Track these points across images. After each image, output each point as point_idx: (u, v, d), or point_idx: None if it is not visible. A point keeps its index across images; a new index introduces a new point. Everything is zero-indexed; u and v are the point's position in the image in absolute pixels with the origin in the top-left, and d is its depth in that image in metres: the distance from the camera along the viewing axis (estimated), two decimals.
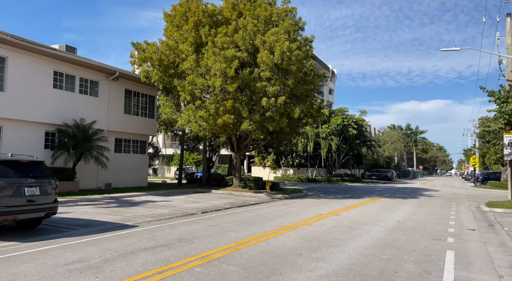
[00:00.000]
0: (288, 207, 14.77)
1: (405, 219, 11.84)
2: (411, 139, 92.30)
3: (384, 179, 51.89)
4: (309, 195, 21.49)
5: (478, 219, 12.25)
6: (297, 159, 41.29)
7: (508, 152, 17.96)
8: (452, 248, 7.54)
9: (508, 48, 18.49)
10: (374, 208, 15.16)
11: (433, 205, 17.04)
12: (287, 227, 9.64)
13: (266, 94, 16.84)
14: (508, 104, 16.28)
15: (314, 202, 17.15)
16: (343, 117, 40.26)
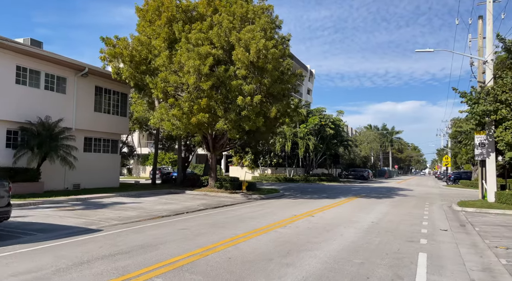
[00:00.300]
0: (263, 208, 14.47)
1: (379, 220, 11.76)
2: (387, 139, 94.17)
3: (361, 179, 52.57)
4: (286, 195, 21.29)
5: (450, 219, 12.32)
6: (275, 159, 41.17)
7: (478, 152, 18.31)
8: (424, 250, 7.41)
9: (480, 50, 18.85)
10: (349, 208, 15.08)
11: (407, 205, 17.16)
12: (260, 230, 9.32)
13: (242, 93, 16.48)
14: (479, 105, 16.56)
15: (290, 203, 16.94)
16: (321, 117, 40.43)
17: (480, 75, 19.22)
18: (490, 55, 17.65)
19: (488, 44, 17.94)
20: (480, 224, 11.28)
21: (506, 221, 11.89)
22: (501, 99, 15.95)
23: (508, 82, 16.10)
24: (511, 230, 10.04)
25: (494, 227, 10.66)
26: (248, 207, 14.98)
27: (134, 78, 17.51)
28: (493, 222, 11.62)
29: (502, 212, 14.05)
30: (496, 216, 13.35)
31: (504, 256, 7.03)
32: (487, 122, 17.39)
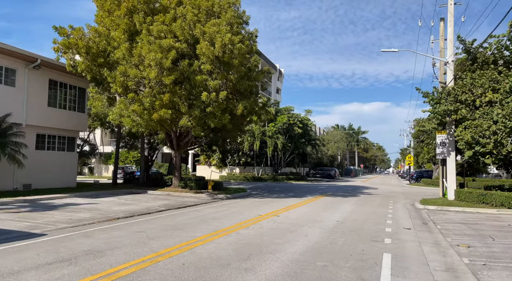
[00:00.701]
0: (228, 208, 13.98)
1: (344, 219, 11.59)
2: (353, 138, 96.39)
3: (328, 177, 53.24)
4: (253, 195, 20.91)
5: (413, 217, 12.39)
6: (243, 158, 40.74)
7: (440, 151, 18.75)
8: (389, 250, 7.22)
9: (441, 51, 19.32)
10: (315, 207, 14.90)
11: (372, 203, 17.25)
12: (221, 232, 8.82)
13: (207, 89, 15.88)
14: (441, 105, 16.91)
15: (256, 202, 16.55)
16: (289, 116, 40.42)
17: (442, 76, 19.71)
18: (451, 56, 18.09)
19: (449, 46, 18.41)
20: (441, 222, 11.38)
21: (466, 219, 12.09)
22: (461, 99, 16.35)
23: (467, 83, 16.54)
24: (471, 228, 10.15)
25: (455, 224, 10.77)
26: (213, 207, 14.43)
27: (91, 71, 16.42)
28: (453, 220, 11.77)
29: (462, 209, 14.36)
30: (456, 213, 13.61)
31: (466, 255, 6.95)
32: (448, 122, 17.82)
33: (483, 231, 9.54)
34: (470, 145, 15.63)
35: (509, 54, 16.74)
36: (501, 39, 16.34)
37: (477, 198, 15.45)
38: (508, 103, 14.89)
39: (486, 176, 38.62)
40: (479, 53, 17.39)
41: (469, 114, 16.31)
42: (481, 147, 15.22)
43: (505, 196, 14.21)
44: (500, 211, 13.61)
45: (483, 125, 15.05)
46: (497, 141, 14.58)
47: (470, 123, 15.79)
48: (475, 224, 10.89)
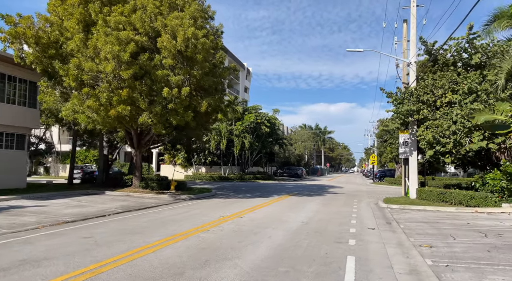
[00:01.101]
0: (190, 209, 13.37)
1: (309, 219, 11.35)
2: (320, 138, 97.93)
3: (295, 177, 53.55)
4: (218, 195, 20.35)
5: (377, 217, 12.37)
6: (210, 157, 39.99)
7: (402, 151, 19.08)
8: (353, 252, 6.98)
9: (404, 52, 19.68)
10: (280, 207, 14.60)
11: (337, 202, 17.23)
12: (180, 235, 8.25)
13: (168, 84, 15.15)
14: (404, 105, 17.18)
15: (220, 203, 16.02)
16: (257, 115, 40.12)
17: (405, 76, 20.09)
18: (413, 57, 18.44)
19: (412, 47, 18.76)
20: (404, 221, 11.41)
21: (427, 217, 12.23)
22: (423, 99, 16.68)
23: (429, 84, 16.90)
24: (433, 227, 10.20)
25: (417, 224, 10.81)
26: (174, 208, 13.76)
27: (41, 63, 15.18)
28: (416, 219, 11.85)
29: (423, 208, 14.59)
30: (418, 212, 13.79)
31: (429, 255, 6.83)
32: (411, 122, 18.15)
33: (444, 230, 9.59)
34: (431, 144, 15.96)
35: (468, 57, 17.28)
36: (460, 41, 16.84)
37: (437, 197, 15.79)
38: (467, 104, 15.32)
39: (445, 175, 40.27)
40: (440, 55, 17.84)
41: (431, 114, 16.66)
42: (442, 147, 15.57)
43: (463, 194, 14.58)
44: (458, 209, 13.94)
45: (443, 125, 15.40)
46: (457, 141, 14.95)
47: (431, 123, 16.12)
48: (436, 222, 10.98)
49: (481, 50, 16.73)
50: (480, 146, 14.50)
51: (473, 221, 11.22)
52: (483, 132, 14.88)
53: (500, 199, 13.82)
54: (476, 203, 14.05)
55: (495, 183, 14.28)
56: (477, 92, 15.46)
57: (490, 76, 15.59)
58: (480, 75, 15.98)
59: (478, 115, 12.00)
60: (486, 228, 9.93)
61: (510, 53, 15.45)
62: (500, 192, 14.11)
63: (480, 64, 16.87)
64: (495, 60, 15.76)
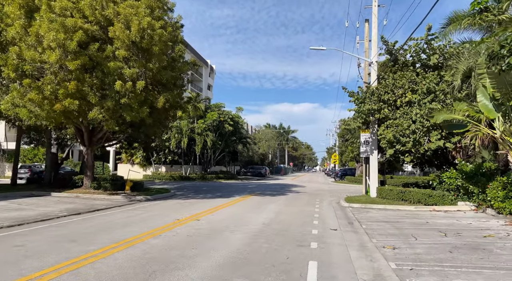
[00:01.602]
0: (144, 212, 12.46)
1: (271, 220, 10.87)
2: (284, 137, 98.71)
3: (258, 176, 53.30)
4: (177, 196, 19.43)
5: (339, 217, 12.14)
6: (170, 156, 38.65)
7: (363, 150, 19.19)
8: (315, 256, 6.54)
9: (366, 51, 19.81)
10: (242, 208, 14.04)
11: (299, 202, 16.95)
12: (126, 242, 7.43)
13: (122, 77, 14.08)
14: (365, 105, 17.23)
15: (178, 204, 15.18)
16: (220, 113, 39.33)
17: (366, 76, 20.25)
18: (375, 57, 18.58)
19: (374, 47, 18.91)
20: (366, 220, 11.24)
21: (388, 216, 12.17)
22: (384, 99, 16.79)
23: (389, 83, 17.05)
24: (394, 226, 10.07)
25: (379, 223, 10.66)
26: (127, 211, 12.77)
27: None
28: (377, 218, 11.74)
29: (384, 207, 14.62)
30: (379, 211, 13.76)
31: (392, 258, 6.54)
32: (372, 121, 18.27)
33: (406, 230, 9.46)
34: (392, 143, 16.07)
35: (426, 58, 17.62)
36: (420, 42, 17.12)
37: (397, 196, 15.93)
38: (425, 104, 15.55)
39: (402, 174, 41.62)
40: (400, 55, 18.08)
41: (391, 113, 16.81)
42: (402, 146, 15.71)
43: (421, 193, 14.77)
44: (417, 207, 14.08)
45: (403, 124, 15.54)
46: (416, 140, 15.13)
47: (392, 122, 16.24)
48: (397, 222, 10.90)
49: (438, 51, 17.11)
50: (438, 145, 14.75)
51: (432, 220, 11.26)
52: (440, 131, 15.17)
53: (456, 197, 14.11)
54: (434, 202, 14.26)
55: (451, 181, 14.57)
56: (435, 92, 15.75)
57: (447, 77, 15.95)
58: (437, 76, 16.31)
59: (437, 115, 12.12)
60: (445, 227, 9.93)
61: (465, 55, 15.90)
62: (456, 191, 14.43)
63: (438, 65, 17.27)
64: (452, 62, 16.16)
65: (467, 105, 11.46)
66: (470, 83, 15.06)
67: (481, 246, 7.44)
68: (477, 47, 15.22)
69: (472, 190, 13.36)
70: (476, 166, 13.67)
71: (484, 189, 12.80)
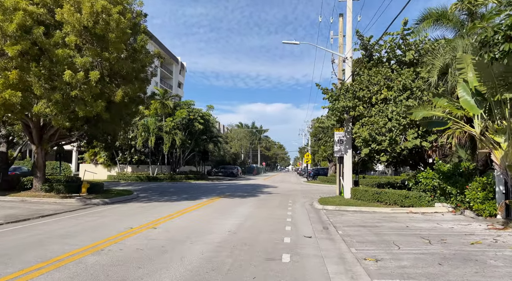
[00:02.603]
0: (96, 218, 11.01)
1: (238, 227, 9.76)
2: (256, 137, 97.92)
3: (230, 176, 52.08)
4: (139, 198, 17.93)
5: (313, 221, 11.21)
6: (136, 155, 36.70)
7: (337, 149, 18.45)
8: (287, 274, 5.49)
9: (340, 46, 19.09)
10: (208, 212, 12.84)
11: (271, 204, 15.95)
12: (52, 262, 6.06)
13: (73, 67, 12.52)
14: (340, 101, 16.47)
15: (138, 208, 13.78)
16: (189, 110, 37.77)
17: (340, 72, 19.54)
18: (349, 52, 17.87)
19: (348, 42, 18.20)
20: (342, 225, 10.36)
21: (364, 220, 11.37)
22: (359, 95, 16.07)
23: (364, 80, 16.36)
24: (372, 232, 9.24)
25: (356, 228, 9.80)
26: (76, 217, 11.27)
27: None
28: (353, 222, 10.90)
29: (359, 209, 13.87)
30: (354, 213, 12.98)
31: (376, 274, 5.60)
32: (346, 119, 17.56)
33: (386, 236, 8.62)
34: (367, 142, 15.38)
35: (401, 54, 17.08)
36: (395, 37, 16.54)
37: (372, 197, 15.25)
38: (401, 101, 14.96)
39: (374, 173, 41.68)
40: (375, 50, 17.47)
41: (366, 111, 16.12)
42: (377, 145, 15.04)
43: (397, 194, 14.14)
44: (394, 209, 13.42)
45: (379, 122, 14.86)
46: (392, 139, 14.48)
47: (367, 120, 15.55)
48: (375, 226, 10.08)
49: (414, 47, 16.61)
50: (415, 144, 14.17)
51: (411, 223, 10.54)
52: (417, 129, 14.61)
53: (433, 198, 13.56)
54: (411, 203, 13.65)
55: (427, 182, 14.03)
56: (411, 89, 15.19)
57: (423, 73, 15.43)
58: (413, 72, 15.77)
59: (416, 111, 11.45)
60: (427, 232, 9.20)
61: (441, 51, 15.44)
62: (432, 191, 13.89)
63: (413, 62, 16.76)
64: (428, 58, 15.66)
65: (447, 101, 10.83)
66: (447, 80, 14.58)
67: (472, 256, 6.66)
68: (453, 42, 14.77)
69: (450, 191, 12.83)
70: (454, 165, 13.17)
71: (463, 190, 12.27)
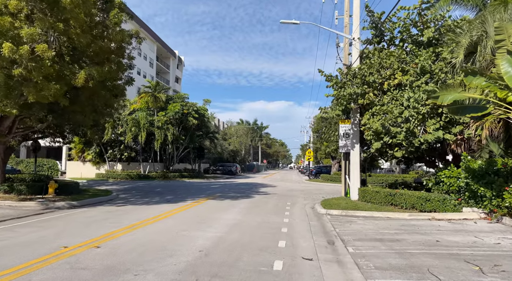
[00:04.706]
0: (34, 230, 8.70)
1: (216, 242, 7.45)
2: (257, 134, 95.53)
3: (229, 174, 49.80)
4: (116, 200, 15.67)
5: (315, 231, 8.88)
6: (126, 152, 34.41)
7: (343, 144, 16.12)
8: None
9: (346, 26, 16.68)
10: (185, 219, 10.53)
11: (265, 207, 13.65)
12: None
13: (20, 41, 10.22)
14: (346, 89, 14.12)
15: (103, 214, 11.48)
16: (183, 104, 35.42)
17: (346, 56, 17.18)
18: (356, 31, 15.49)
19: (355, 21, 15.82)
20: (352, 238, 8.04)
21: (379, 230, 9.05)
22: (369, 80, 13.68)
23: (375, 63, 13.96)
24: (393, 249, 6.92)
25: (371, 243, 7.47)
26: (12, 228, 8.98)
27: None
28: (365, 234, 8.57)
29: (370, 214, 11.53)
30: (365, 220, 10.65)
31: None
32: (353, 109, 15.22)
33: (413, 257, 6.30)
34: (379, 135, 13.01)
35: (417, 33, 14.67)
36: (412, 12, 14.12)
37: (385, 199, 12.90)
38: (419, 87, 12.57)
39: (380, 171, 39.28)
40: (387, 29, 15.09)
41: (377, 99, 13.77)
42: (391, 138, 12.66)
43: (416, 196, 11.79)
44: (412, 215, 11.08)
45: (394, 111, 12.48)
46: (410, 130, 12.11)
47: (379, 109, 13.16)
48: (395, 240, 7.75)
49: (433, 25, 14.20)
50: (437, 136, 11.79)
51: (441, 236, 8.20)
52: (438, 119, 12.23)
53: (460, 202, 11.20)
54: (432, 207, 11.30)
55: (451, 182, 11.66)
56: (431, 72, 12.80)
57: (444, 54, 13.03)
58: (432, 53, 13.38)
59: (444, 94, 9.08)
60: (468, 250, 6.87)
61: (464, 28, 13.05)
62: (458, 193, 11.53)
63: (431, 42, 14.36)
64: (450, 35, 13.28)
65: (485, 80, 8.46)
66: (475, 61, 12.18)
67: None
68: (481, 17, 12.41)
69: (483, 193, 10.45)
70: (487, 162, 10.79)
71: (500, 192, 9.91)
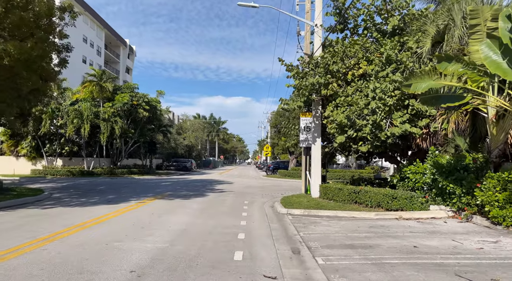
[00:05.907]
0: None
1: (160, 253, 5.96)
2: (214, 129, 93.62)
3: (183, 170, 47.69)
4: (46, 200, 13.48)
5: (277, 237, 7.66)
6: (68, 146, 31.28)
7: (304, 138, 15.16)
8: None
9: (308, 12, 15.64)
10: (124, 224, 8.87)
11: (220, 207, 12.27)
12: None
13: None
14: (308, 78, 13.09)
15: (21, 219, 9.47)
16: (132, 95, 32.88)
17: (308, 45, 16.18)
18: (319, 18, 14.52)
19: (318, 6, 14.85)
20: (319, 244, 6.92)
21: (347, 233, 8.06)
22: (332, 70, 12.75)
23: (339, 51, 13.06)
24: (366, 257, 5.89)
25: (342, 251, 6.39)
26: None
27: None
28: (334, 238, 7.51)
29: (334, 214, 10.58)
30: (330, 221, 9.65)
31: None
32: (315, 101, 14.27)
33: (394, 270, 5.28)
34: (343, 128, 12.12)
35: (382, 21, 13.99)
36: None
37: (349, 197, 12.05)
38: (388, 76, 11.81)
39: (336, 167, 39.32)
40: (351, 17, 14.27)
41: (341, 89, 12.88)
42: (356, 131, 11.81)
43: (381, 194, 11.02)
44: (378, 214, 10.26)
45: (359, 103, 11.61)
46: (376, 123, 11.30)
47: (344, 100, 12.27)
48: (368, 247, 6.74)
49: (398, 13, 13.56)
50: (404, 129, 11.09)
51: (417, 240, 7.33)
52: (405, 111, 11.56)
53: (427, 199, 10.57)
54: (399, 206, 10.57)
55: (417, 178, 11.03)
56: (397, 61, 12.10)
57: (410, 43, 12.42)
58: (397, 43, 12.70)
59: (417, 82, 8.25)
60: (451, 258, 5.99)
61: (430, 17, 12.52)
62: (424, 190, 10.92)
63: (396, 31, 13.74)
64: (416, 24, 12.69)
65: (462, 66, 7.70)
66: (441, 50, 11.63)
67: None
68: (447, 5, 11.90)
69: (452, 190, 9.84)
70: (456, 157, 10.22)
71: (471, 189, 9.33)
